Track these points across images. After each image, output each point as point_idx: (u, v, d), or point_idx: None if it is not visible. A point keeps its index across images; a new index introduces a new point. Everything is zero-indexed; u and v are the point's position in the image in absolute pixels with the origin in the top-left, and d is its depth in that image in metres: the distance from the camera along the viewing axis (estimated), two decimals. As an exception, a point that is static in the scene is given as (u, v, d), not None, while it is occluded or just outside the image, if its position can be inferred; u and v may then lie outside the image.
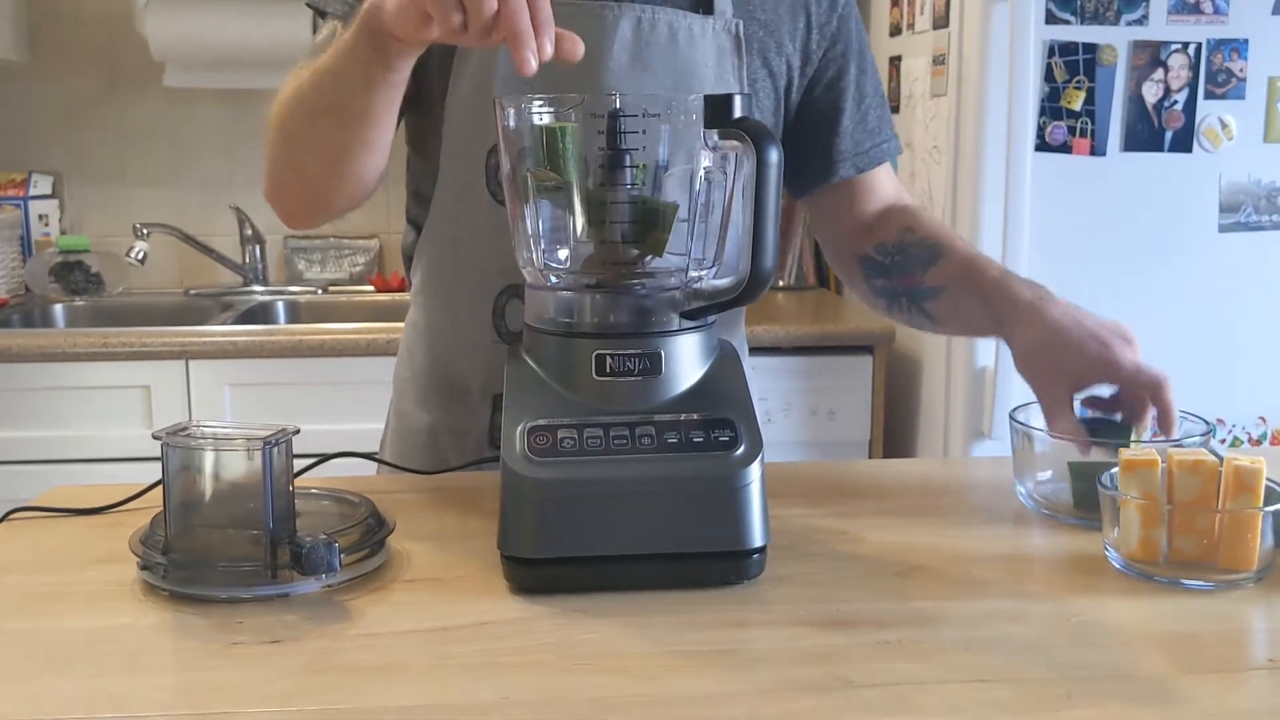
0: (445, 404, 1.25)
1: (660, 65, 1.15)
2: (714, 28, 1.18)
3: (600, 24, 1.14)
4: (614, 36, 1.14)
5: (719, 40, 1.18)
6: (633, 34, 1.15)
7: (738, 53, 1.19)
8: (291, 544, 0.88)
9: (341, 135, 1.06)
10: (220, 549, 0.90)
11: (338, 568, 0.88)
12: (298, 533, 0.91)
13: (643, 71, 1.15)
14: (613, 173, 0.93)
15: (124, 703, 0.73)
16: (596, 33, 1.13)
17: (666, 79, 1.15)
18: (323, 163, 1.10)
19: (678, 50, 1.16)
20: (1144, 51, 2.08)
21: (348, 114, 1.04)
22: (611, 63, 1.14)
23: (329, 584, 0.90)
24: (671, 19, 1.16)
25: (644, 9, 1.15)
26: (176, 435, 0.91)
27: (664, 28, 1.15)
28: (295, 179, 1.15)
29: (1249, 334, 2.20)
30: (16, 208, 2.79)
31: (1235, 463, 0.91)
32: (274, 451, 0.89)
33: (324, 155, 1.10)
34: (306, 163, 1.12)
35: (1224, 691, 0.75)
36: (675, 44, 1.16)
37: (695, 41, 1.17)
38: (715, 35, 1.18)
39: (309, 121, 1.08)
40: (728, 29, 1.18)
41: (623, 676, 0.76)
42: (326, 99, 1.05)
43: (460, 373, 1.24)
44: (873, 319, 2.51)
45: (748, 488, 0.88)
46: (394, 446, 1.32)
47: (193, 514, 0.91)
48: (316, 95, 1.06)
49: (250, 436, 0.90)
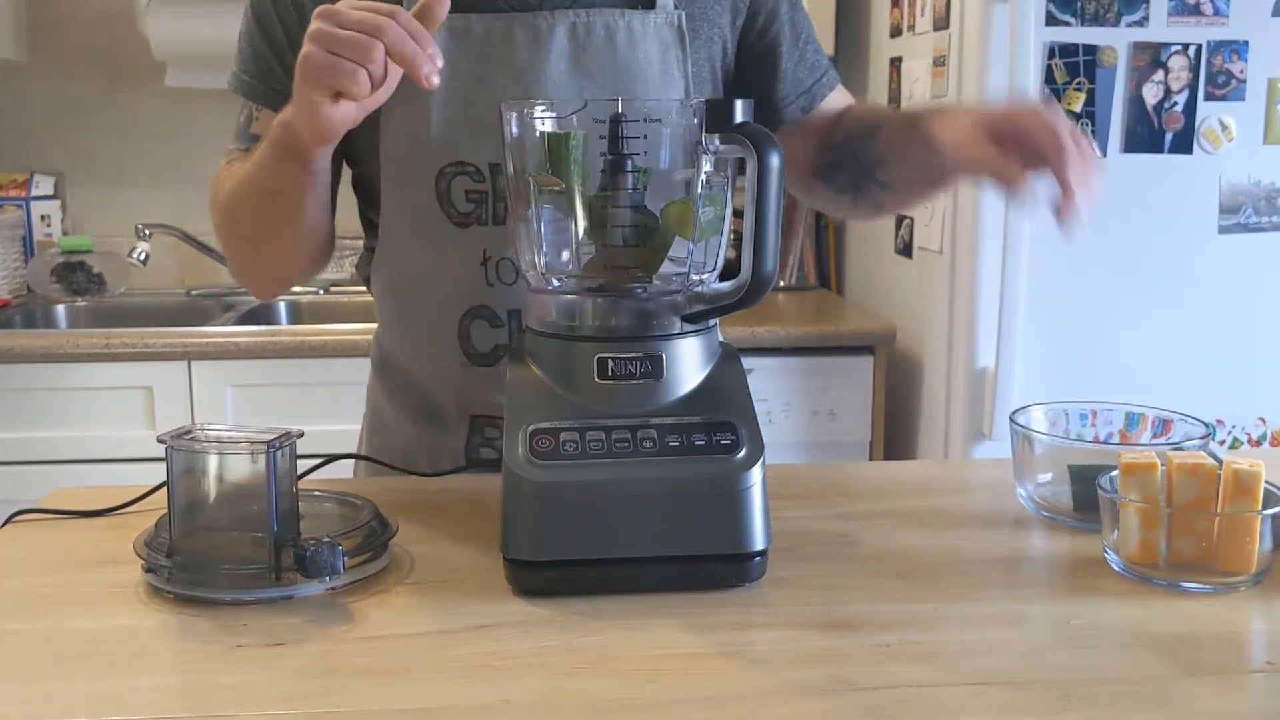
0: (418, 425, 1.24)
1: (600, 69, 1.14)
2: (655, 22, 1.16)
3: (534, 35, 1.13)
4: (550, 45, 1.13)
5: (661, 35, 1.17)
6: (569, 40, 1.14)
7: (681, 45, 1.17)
8: (295, 547, 0.88)
9: (290, 232, 1.15)
10: (224, 551, 0.91)
11: (341, 570, 0.88)
12: (301, 535, 0.91)
13: (582, 78, 1.14)
14: (614, 177, 0.93)
15: (127, 704, 0.74)
16: (532, 43, 1.13)
17: (607, 82, 1.14)
18: (277, 254, 1.20)
19: (616, 52, 1.15)
20: (1144, 53, 2.08)
21: (286, 215, 1.13)
22: (550, 71, 1.13)
23: (332, 586, 0.90)
24: (609, 20, 1.14)
25: (578, 13, 1.14)
26: (181, 438, 0.91)
27: (601, 30, 1.14)
28: (256, 267, 1.24)
29: (1248, 335, 2.20)
30: (18, 208, 2.79)
31: (1234, 466, 0.91)
32: (278, 455, 0.90)
33: (283, 250, 1.19)
34: (271, 258, 1.22)
35: (1222, 694, 0.75)
36: (614, 46, 1.15)
37: (635, 40, 1.15)
38: (657, 30, 1.16)
39: (258, 231, 1.17)
40: (670, 22, 1.17)
41: (624, 679, 0.77)
42: (266, 211, 1.14)
43: (432, 394, 1.22)
44: (873, 319, 2.51)
45: (749, 491, 0.88)
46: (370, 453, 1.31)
47: (197, 517, 0.92)
48: (253, 207, 1.14)
49: (254, 440, 0.90)
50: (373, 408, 1.32)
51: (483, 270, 1.17)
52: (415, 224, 1.18)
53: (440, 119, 1.14)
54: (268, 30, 1.18)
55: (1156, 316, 2.18)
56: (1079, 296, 2.17)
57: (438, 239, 1.17)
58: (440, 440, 1.22)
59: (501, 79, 1.13)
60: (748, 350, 2.30)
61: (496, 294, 1.17)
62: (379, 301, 1.26)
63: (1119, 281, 2.16)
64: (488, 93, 1.13)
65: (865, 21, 2.75)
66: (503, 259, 1.16)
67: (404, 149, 1.16)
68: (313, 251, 1.20)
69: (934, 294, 2.34)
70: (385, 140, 1.16)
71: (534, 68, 1.13)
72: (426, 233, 1.17)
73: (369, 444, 1.32)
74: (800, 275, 2.91)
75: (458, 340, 1.18)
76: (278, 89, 1.18)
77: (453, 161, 1.15)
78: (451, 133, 1.14)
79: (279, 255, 1.21)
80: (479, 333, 1.18)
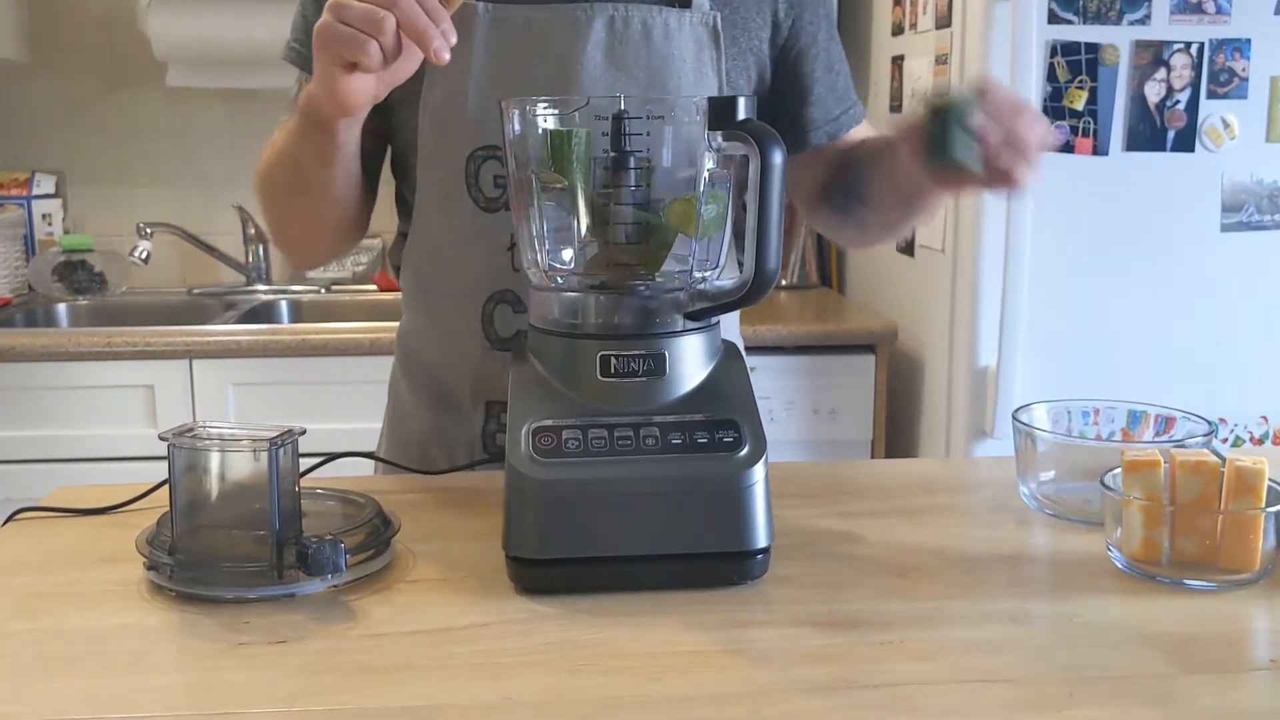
0: (436, 413, 1.25)
1: (635, 63, 1.15)
2: (691, 21, 1.17)
3: (573, 26, 1.14)
4: (588, 37, 1.14)
5: (696, 34, 1.18)
6: (606, 33, 1.15)
7: (715, 45, 1.19)
8: (297, 544, 0.88)
9: (315, 204, 1.19)
10: (226, 549, 0.91)
11: (344, 568, 0.88)
12: (304, 533, 0.91)
13: (617, 70, 1.15)
14: (617, 174, 0.93)
15: (129, 703, 0.74)
16: (570, 34, 1.14)
17: (642, 76, 1.15)
18: (309, 226, 1.24)
19: (653, 47, 1.16)
20: (1146, 51, 2.08)
21: (315, 188, 1.16)
22: (586, 62, 1.14)
23: (334, 584, 0.90)
24: (646, 15, 1.15)
25: (616, 7, 1.15)
26: (183, 436, 0.91)
27: (638, 24, 1.15)
28: (294, 237, 1.28)
29: (1250, 333, 2.20)
30: (20, 207, 2.79)
31: (1237, 464, 0.91)
32: (280, 453, 0.90)
33: (309, 220, 1.23)
34: (297, 227, 1.26)
35: (1225, 691, 0.75)
36: (650, 41, 1.16)
37: (671, 37, 1.16)
38: (693, 29, 1.17)
39: (286, 198, 1.22)
40: (705, 22, 1.18)
41: (626, 677, 0.77)
42: (294, 180, 1.17)
43: (450, 380, 1.23)
44: (874, 318, 2.51)
45: (752, 489, 0.88)
46: (389, 453, 1.32)
47: (199, 514, 0.92)
48: (285, 176, 1.18)
49: (256, 438, 0.90)
50: (394, 400, 1.33)
51: (509, 255, 1.18)
52: (444, 206, 1.19)
53: (476, 103, 1.15)
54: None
55: (1158, 315, 2.18)
56: (1081, 295, 2.17)
57: (465, 223, 1.18)
58: (457, 428, 1.23)
59: (540, 67, 1.15)
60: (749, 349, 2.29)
61: (521, 279, 1.17)
62: (406, 289, 1.28)
63: (1121, 280, 2.16)
64: (525, 80, 1.14)
65: (867, 19, 2.75)
66: None
67: (438, 128, 1.17)
68: (339, 225, 1.23)
69: (936, 292, 2.34)
70: (422, 117, 1.18)
71: (571, 58, 1.14)
72: (455, 216, 1.19)
73: (388, 439, 1.33)
74: (802, 274, 2.90)
75: (480, 324, 1.19)
76: None
77: (484, 145, 1.16)
78: (485, 116, 1.15)
79: (305, 225, 1.24)
80: (502, 317, 1.19)
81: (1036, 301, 2.13)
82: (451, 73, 1.14)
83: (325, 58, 0.96)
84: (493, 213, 1.18)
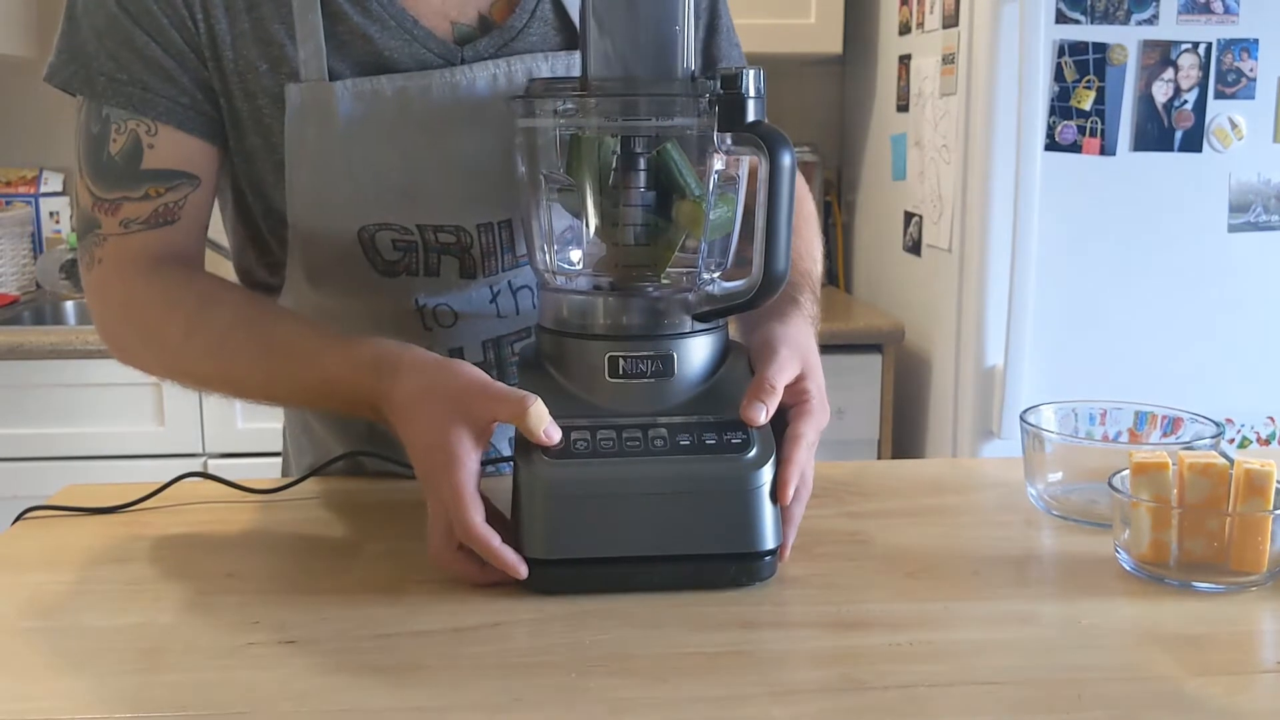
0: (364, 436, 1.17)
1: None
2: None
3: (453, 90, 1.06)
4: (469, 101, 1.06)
5: None
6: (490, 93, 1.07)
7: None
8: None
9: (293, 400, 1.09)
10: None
11: None
12: None
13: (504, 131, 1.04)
14: (626, 175, 0.93)
15: (139, 702, 0.74)
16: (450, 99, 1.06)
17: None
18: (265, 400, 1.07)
19: None
20: (1154, 51, 2.08)
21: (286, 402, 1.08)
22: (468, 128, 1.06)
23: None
24: (531, 66, 1.08)
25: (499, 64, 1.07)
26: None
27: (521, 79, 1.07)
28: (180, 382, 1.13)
29: (1257, 333, 2.20)
30: (27, 204, 2.80)
31: (1246, 466, 0.91)
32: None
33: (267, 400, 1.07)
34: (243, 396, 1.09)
35: (1234, 693, 0.75)
36: None
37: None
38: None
39: (259, 391, 1.04)
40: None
41: (635, 678, 0.77)
42: (292, 398, 1.07)
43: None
44: (881, 317, 2.51)
45: (759, 490, 0.88)
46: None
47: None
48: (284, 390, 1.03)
49: None
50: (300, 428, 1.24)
51: (418, 316, 1.11)
52: (334, 271, 1.09)
53: (353, 191, 1.05)
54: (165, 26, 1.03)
55: (1165, 315, 2.18)
56: (1088, 295, 2.17)
57: (363, 287, 1.09)
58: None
59: (417, 140, 1.05)
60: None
61: (435, 336, 1.11)
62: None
63: (1128, 280, 2.16)
64: (403, 158, 1.05)
65: (874, 18, 2.75)
66: (440, 305, 1.11)
67: (313, 213, 1.07)
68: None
69: (943, 292, 2.34)
70: (291, 199, 1.06)
71: (452, 126, 1.06)
72: (348, 280, 1.09)
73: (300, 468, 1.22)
74: (808, 273, 2.90)
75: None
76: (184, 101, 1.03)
77: (373, 223, 1.07)
78: (367, 201, 1.06)
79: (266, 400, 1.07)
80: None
81: (1043, 301, 2.13)
82: (311, 155, 1.04)
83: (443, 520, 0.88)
84: (393, 277, 1.09)
